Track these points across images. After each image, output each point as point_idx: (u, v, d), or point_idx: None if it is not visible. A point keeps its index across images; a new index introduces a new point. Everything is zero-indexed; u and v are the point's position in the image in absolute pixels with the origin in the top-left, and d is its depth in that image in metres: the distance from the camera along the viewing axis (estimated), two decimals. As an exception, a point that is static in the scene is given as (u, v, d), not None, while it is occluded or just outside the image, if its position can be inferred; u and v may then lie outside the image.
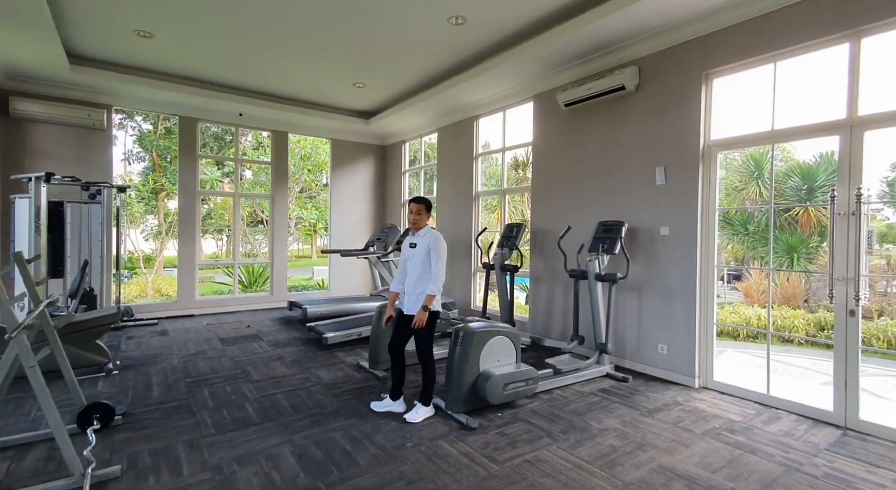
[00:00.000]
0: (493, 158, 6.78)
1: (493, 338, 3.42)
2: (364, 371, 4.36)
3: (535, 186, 5.65)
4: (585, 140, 4.97)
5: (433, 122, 7.48)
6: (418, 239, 3.33)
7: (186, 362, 4.58)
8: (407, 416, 3.21)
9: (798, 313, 7.52)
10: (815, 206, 10.96)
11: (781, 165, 11.91)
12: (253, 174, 16.23)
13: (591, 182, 4.91)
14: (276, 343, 5.40)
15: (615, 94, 4.53)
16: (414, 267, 3.30)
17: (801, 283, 9.13)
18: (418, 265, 3.26)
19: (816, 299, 9.27)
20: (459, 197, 6.98)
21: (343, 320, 5.83)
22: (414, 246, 3.33)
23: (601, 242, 4.29)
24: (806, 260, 10.67)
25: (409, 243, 3.38)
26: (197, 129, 7.10)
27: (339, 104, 7.50)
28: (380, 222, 9.05)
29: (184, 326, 6.25)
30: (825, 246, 10.45)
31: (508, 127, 6.23)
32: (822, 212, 10.47)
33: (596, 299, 4.19)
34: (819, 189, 10.98)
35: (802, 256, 10.60)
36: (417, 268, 3.27)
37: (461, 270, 6.92)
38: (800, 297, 8.72)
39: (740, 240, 11.82)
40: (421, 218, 3.33)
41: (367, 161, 8.91)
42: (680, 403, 3.60)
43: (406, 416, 3.21)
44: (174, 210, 15.92)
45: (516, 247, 5.24)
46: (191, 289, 7.07)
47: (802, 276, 9.64)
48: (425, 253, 3.26)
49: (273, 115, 7.38)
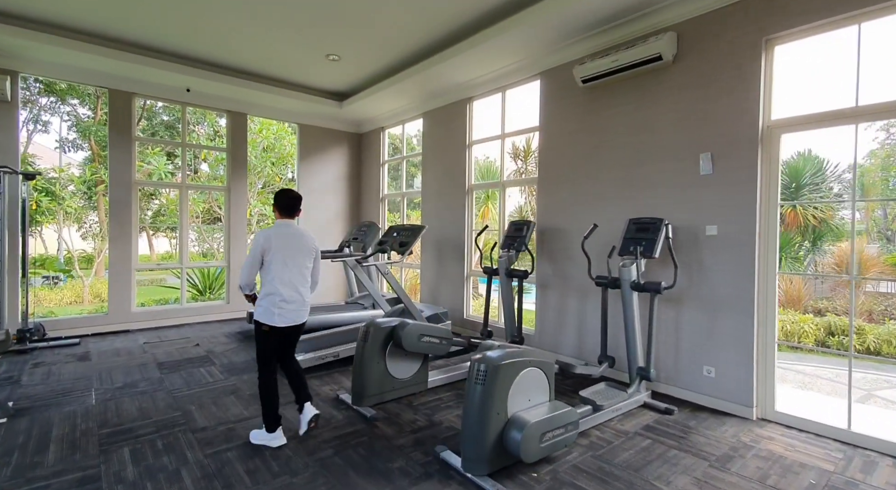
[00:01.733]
0: (483, 151, 5.96)
1: (524, 371, 2.58)
2: (346, 408, 3.43)
3: (543, 178, 4.86)
4: (607, 123, 4.22)
5: (418, 105, 6.58)
6: None
7: (107, 401, 3.50)
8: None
9: (807, 318, 7.10)
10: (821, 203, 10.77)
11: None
12: (210, 167, 14.77)
13: (615, 173, 4.16)
14: (230, 368, 4.36)
15: (648, 67, 3.79)
16: None
17: (804, 285, 8.81)
18: None
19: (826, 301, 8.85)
20: (449, 191, 6.12)
21: (315, 337, 4.84)
22: None
23: (635, 244, 3.53)
24: (792, 259, 10.46)
25: None
26: (132, 105, 5.89)
27: (308, 82, 6.47)
28: (355, 220, 8.06)
29: (113, 346, 5.08)
30: (816, 246, 10.26)
31: (508, 110, 5.41)
32: (810, 210, 10.26)
33: (632, 313, 3.43)
34: (805, 187, 10.81)
35: (790, 256, 10.38)
36: None
37: (451, 275, 6.06)
38: (804, 300, 8.37)
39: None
40: None
41: (341, 150, 7.89)
42: (749, 445, 2.88)
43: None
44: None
45: (525, 248, 4.43)
46: (125, 298, 5.87)
47: (802, 278, 9.34)
48: None
49: (229, 92, 6.27)
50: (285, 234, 2.87)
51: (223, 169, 14.39)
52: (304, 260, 2.92)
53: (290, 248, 2.85)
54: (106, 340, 5.34)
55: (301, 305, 2.90)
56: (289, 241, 2.86)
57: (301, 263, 2.90)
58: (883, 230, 11.39)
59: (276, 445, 2.81)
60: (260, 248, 2.78)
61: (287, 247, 2.84)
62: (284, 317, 2.80)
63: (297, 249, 2.88)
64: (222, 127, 16.44)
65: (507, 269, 4.44)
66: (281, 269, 2.80)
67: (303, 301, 2.91)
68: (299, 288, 2.88)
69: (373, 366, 3.40)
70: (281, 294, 2.78)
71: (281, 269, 2.80)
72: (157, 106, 16.21)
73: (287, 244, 2.85)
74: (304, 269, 2.93)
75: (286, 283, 2.81)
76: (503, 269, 4.45)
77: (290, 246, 2.86)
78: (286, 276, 2.81)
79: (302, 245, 2.91)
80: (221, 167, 14.30)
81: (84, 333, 5.55)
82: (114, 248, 5.80)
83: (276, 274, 2.79)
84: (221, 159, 14.45)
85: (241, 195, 6.84)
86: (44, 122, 15.24)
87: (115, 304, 5.81)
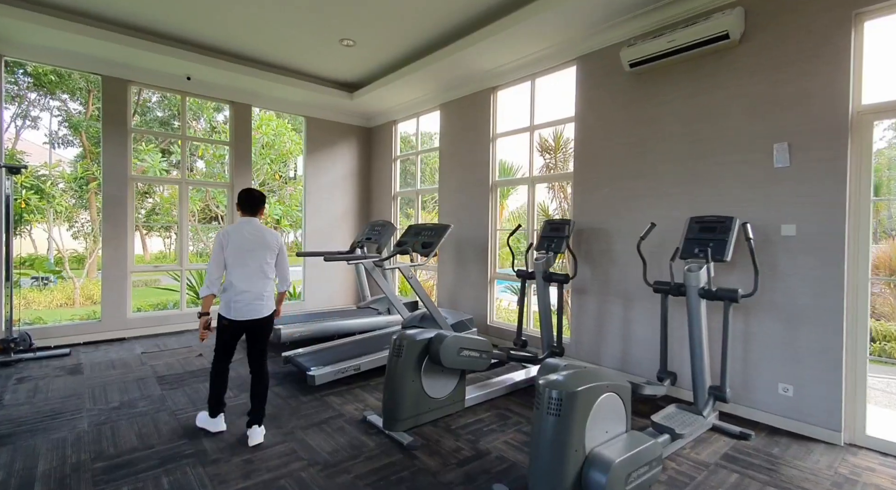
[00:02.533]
0: (508, 144, 5.53)
1: (601, 397, 2.17)
2: (377, 433, 3.01)
3: (579, 173, 4.45)
4: (659, 111, 3.81)
5: (436, 96, 6.15)
6: None
7: (102, 425, 3.06)
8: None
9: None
10: None
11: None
12: (206, 164, 14.25)
13: (666, 166, 3.76)
14: (240, 383, 3.92)
15: (709, 48, 3.39)
16: None
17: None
18: None
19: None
20: (470, 188, 5.70)
21: (331, 347, 4.42)
22: None
23: (700, 245, 3.13)
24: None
25: None
26: (127, 94, 5.43)
27: (318, 71, 6.02)
28: (364, 219, 7.63)
29: (107, 357, 4.63)
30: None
31: (538, 99, 5.00)
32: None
33: (699, 324, 3.03)
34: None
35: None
36: None
37: (472, 278, 5.64)
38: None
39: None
40: None
41: (349, 145, 7.45)
42: (850, 479, 2.49)
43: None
44: (109, 204, 13.73)
45: (568, 249, 4.02)
46: (120, 303, 5.41)
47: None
48: None
49: (233, 81, 5.81)
50: (243, 231, 2.92)
51: (221, 166, 13.93)
52: (264, 256, 2.94)
53: (247, 244, 2.89)
54: (99, 350, 4.88)
55: (256, 300, 2.89)
56: (246, 237, 2.91)
57: (259, 259, 2.92)
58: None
59: (213, 431, 2.95)
60: (219, 245, 2.87)
61: (244, 243, 2.89)
62: (239, 311, 2.85)
63: (255, 246, 2.91)
64: (220, 123, 15.93)
65: (545, 273, 4.03)
66: (237, 264, 2.86)
67: (259, 296, 2.90)
68: (256, 283, 2.90)
69: (407, 385, 2.98)
70: (236, 288, 2.84)
71: (237, 265, 2.86)
72: (152, 101, 15.67)
73: (244, 241, 2.90)
74: (264, 265, 2.94)
75: (241, 279, 2.86)
76: (540, 273, 4.04)
77: (248, 242, 2.90)
78: (242, 271, 2.87)
79: (260, 242, 2.94)
80: (219, 164, 13.80)
81: (75, 342, 5.08)
82: (107, 248, 5.33)
83: (231, 269, 2.86)
84: (220, 156, 13.95)
85: (245, 192, 6.38)
86: (33, 118, 14.68)
87: (108, 309, 5.35)
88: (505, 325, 5.41)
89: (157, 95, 15.35)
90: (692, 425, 2.75)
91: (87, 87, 13.63)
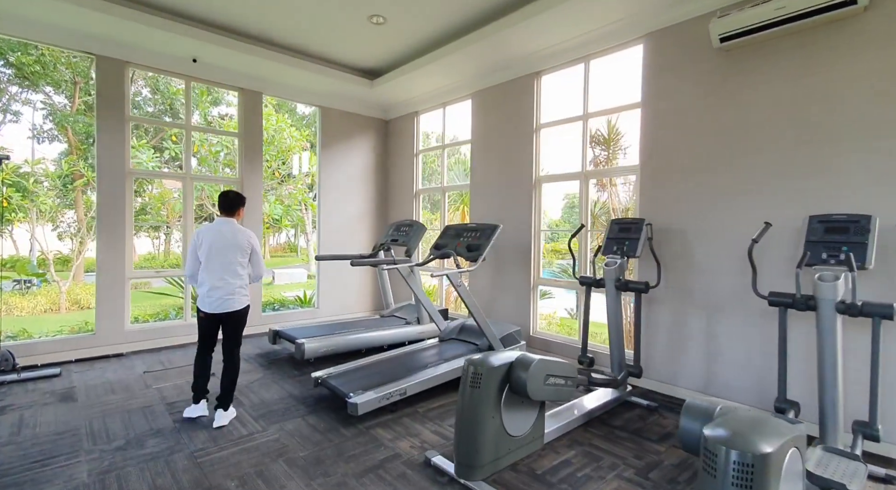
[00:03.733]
0: (554, 135, 4.98)
1: (787, 456, 1.64)
2: (449, 482, 2.45)
3: (648, 166, 3.93)
4: (756, 94, 3.30)
5: (467, 83, 5.60)
6: None
7: (106, 474, 2.46)
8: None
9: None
10: None
11: None
12: (200, 161, 13.51)
13: (767, 157, 3.25)
14: (264, 410, 3.34)
15: (827, 16, 2.88)
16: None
17: None
18: None
19: None
20: (507, 185, 5.16)
21: (366, 366, 3.84)
22: None
23: (828, 249, 2.63)
24: None
25: None
26: (125, 76, 4.79)
27: (337, 55, 5.43)
28: (381, 219, 7.05)
29: (105, 378, 4.00)
30: None
31: (592, 84, 4.47)
32: None
33: (833, 343, 2.52)
34: None
35: None
36: None
37: (512, 283, 5.10)
38: None
39: None
40: None
41: (366, 139, 6.86)
42: None
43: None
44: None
45: (652, 253, 3.49)
46: (118, 313, 4.78)
47: None
48: None
49: (243, 64, 5.21)
50: (217, 231, 3.15)
51: (216, 163, 13.20)
52: (235, 255, 3.15)
53: (218, 243, 3.12)
54: (95, 369, 4.25)
55: (228, 296, 3.11)
56: (219, 236, 3.13)
57: (231, 258, 3.13)
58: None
59: (193, 416, 3.16)
60: (193, 245, 3.17)
61: (216, 242, 3.12)
62: (212, 305, 3.10)
63: (226, 245, 3.13)
64: (215, 117, 15.20)
65: (618, 281, 3.50)
66: (210, 262, 3.11)
67: (231, 292, 3.12)
68: (228, 280, 3.11)
69: (486, 423, 2.42)
70: (207, 284, 3.10)
71: (209, 263, 3.11)
72: (142, 95, 14.86)
73: (216, 240, 3.12)
74: (235, 264, 3.14)
75: (214, 276, 3.10)
76: (612, 280, 3.51)
77: (220, 242, 3.12)
78: (214, 269, 3.10)
79: (232, 242, 3.15)
80: (214, 161, 13.10)
81: (66, 359, 4.44)
82: (103, 250, 4.70)
83: (205, 267, 3.12)
84: (216, 153, 13.24)
85: (256, 188, 5.78)
86: (14, 112, 13.83)
87: (104, 320, 4.71)
88: (550, 336, 4.88)
89: (147, 89, 14.58)
90: (856, 476, 2.22)
91: (73, 78, 12.85)
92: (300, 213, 15.68)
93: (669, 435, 3.01)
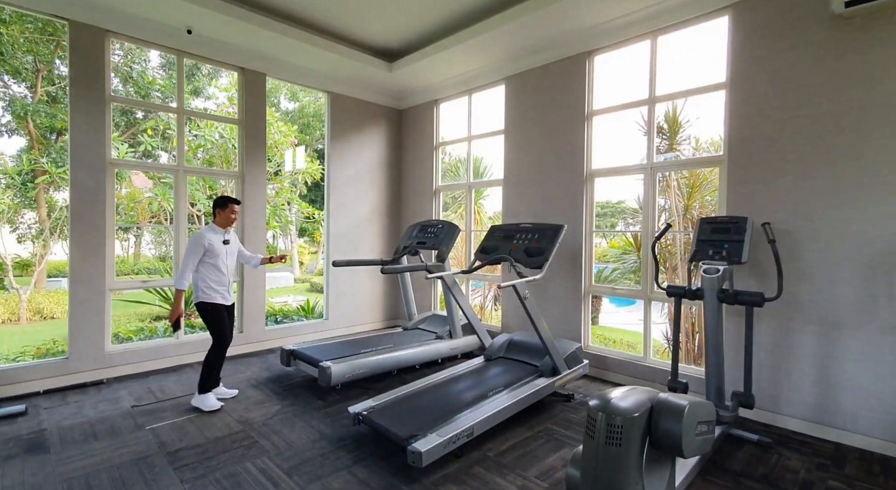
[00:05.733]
0: (608, 123, 4.40)
1: None
2: (580, 574, 1.82)
3: (737, 158, 3.40)
4: (887, 67, 2.79)
5: (500, 66, 4.98)
6: (230, 236, 3.56)
7: None
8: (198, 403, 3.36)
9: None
10: None
11: None
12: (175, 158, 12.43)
13: (900, 144, 2.74)
14: (296, 460, 2.64)
15: None
16: (234, 261, 3.60)
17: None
18: (235, 259, 3.61)
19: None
20: (551, 179, 4.57)
21: (412, 397, 3.16)
22: (227, 242, 3.51)
23: None
24: None
25: (222, 240, 3.48)
26: (105, 48, 3.99)
27: (354, 32, 4.74)
28: (394, 218, 6.36)
29: (83, 416, 3.22)
30: None
31: (647, 65, 3.92)
32: None
33: None
34: None
35: None
36: (234, 261, 3.60)
37: (557, 292, 4.50)
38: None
39: None
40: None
41: (378, 130, 6.16)
42: None
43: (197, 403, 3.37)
44: (62, 201, 11.82)
45: (775, 258, 2.93)
46: (95, 332, 3.97)
47: None
48: (236, 249, 3.65)
49: (246, 39, 4.46)
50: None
51: (196, 161, 12.19)
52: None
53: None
54: (69, 403, 3.45)
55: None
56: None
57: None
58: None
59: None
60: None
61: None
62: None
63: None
64: (195, 107, 14.14)
65: (721, 292, 2.93)
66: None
67: (194, 287, 3.44)
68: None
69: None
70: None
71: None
72: (113, 84, 13.67)
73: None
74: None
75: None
76: (714, 291, 2.94)
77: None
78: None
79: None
80: (194, 158, 12.10)
81: (33, 391, 3.63)
82: (78, 256, 3.88)
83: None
84: (195, 148, 12.24)
85: (259, 183, 5.02)
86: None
87: (79, 341, 3.89)
88: (605, 351, 4.31)
89: (117, 79, 13.42)
90: None
91: (36, 65, 11.67)
92: (287, 213, 14.77)
93: (809, 484, 2.45)
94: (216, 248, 3.40)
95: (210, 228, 3.48)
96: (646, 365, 3.92)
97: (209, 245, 3.37)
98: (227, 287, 3.49)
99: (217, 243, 3.42)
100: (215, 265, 3.40)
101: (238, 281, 4.90)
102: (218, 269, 3.41)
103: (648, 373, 3.88)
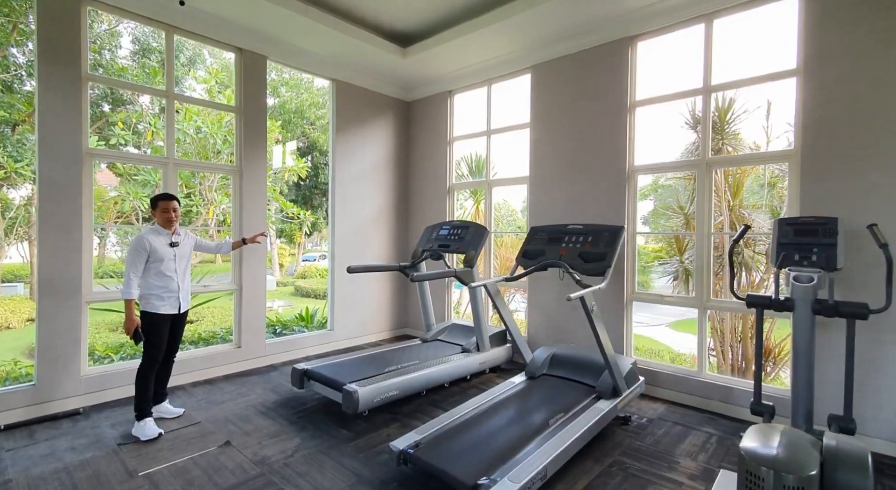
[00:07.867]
0: (652, 114, 4.04)
1: None
2: None
3: (812, 153, 3.08)
4: None
5: (526, 53, 4.58)
6: (180, 237, 3.19)
7: None
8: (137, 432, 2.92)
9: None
10: None
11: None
12: (155, 152, 11.57)
13: None
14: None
15: None
16: (187, 264, 3.23)
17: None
18: (188, 262, 3.25)
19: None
20: (586, 177, 4.19)
21: (462, 428, 2.70)
22: (176, 245, 3.13)
23: None
24: None
25: (168, 243, 3.10)
26: (81, 16, 3.39)
27: (366, 11, 4.25)
28: (402, 219, 5.88)
29: (58, 459, 2.63)
30: None
31: (694, 52, 3.58)
32: None
33: None
34: None
35: None
36: (187, 264, 3.23)
37: (597, 300, 4.12)
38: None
39: None
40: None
41: (385, 123, 5.67)
42: None
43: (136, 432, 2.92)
44: (20, 199, 10.80)
45: (888, 263, 2.60)
46: (70, 353, 3.35)
47: None
48: (190, 250, 3.28)
49: (246, 14, 3.92)
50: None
51: (179, 150, 11.31)
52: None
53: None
54: (38, 442, 2.85)
55: None
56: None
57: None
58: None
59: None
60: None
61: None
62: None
63: None
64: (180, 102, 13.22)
65: (817, 302, 2.58)
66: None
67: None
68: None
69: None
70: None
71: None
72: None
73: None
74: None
75: None
76: (806, 302, 2.60)
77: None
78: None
79: None
80: (176, 146, 11.25)
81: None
82: (47, 262, 3.26)
83: None
84: (178, 139, 11.35)
85: (259, 177, 4.46)
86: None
87: (49, 364, 3.27)
88: (654, 364, 3.95)
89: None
90: None
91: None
92: (268, 211, 14.03)
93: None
94: (160, 251, 3.02)
95: (152, 230, 3.07)
96: (701, 380, 3.58)
97: (151, 248, 2.98)
98: (175, 294, 3.09)
99: (161, 246, 3.03)
100: (160, 271, 3.02)
101: (236, 289, 4.32)
102: (163, 274, 3.03)
103: (704, 389, 3.54)
